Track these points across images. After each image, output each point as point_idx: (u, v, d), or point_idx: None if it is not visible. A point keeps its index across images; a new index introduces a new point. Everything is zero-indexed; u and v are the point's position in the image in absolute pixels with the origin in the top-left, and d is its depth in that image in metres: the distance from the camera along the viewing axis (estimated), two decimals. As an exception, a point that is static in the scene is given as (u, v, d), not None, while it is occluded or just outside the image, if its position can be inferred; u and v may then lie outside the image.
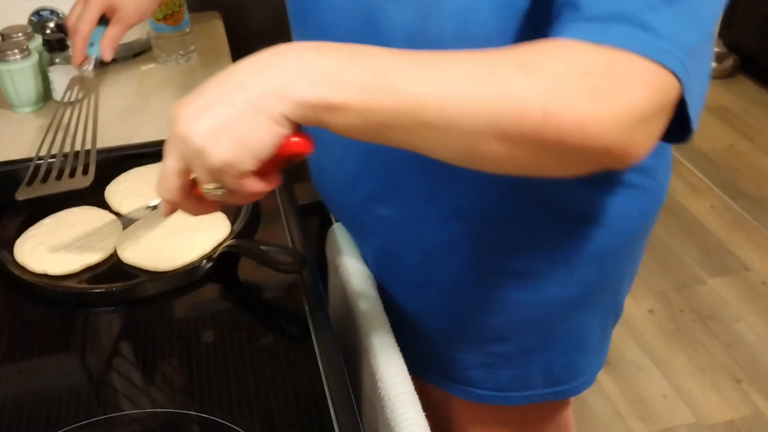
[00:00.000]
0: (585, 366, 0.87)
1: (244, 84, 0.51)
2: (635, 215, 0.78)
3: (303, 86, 0.50)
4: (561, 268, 0.77)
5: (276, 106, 0.50)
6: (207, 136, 0.51)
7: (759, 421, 1.77)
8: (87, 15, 0.95)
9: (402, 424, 0.64)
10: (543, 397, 0.87)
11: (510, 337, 0.82)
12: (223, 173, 0.52)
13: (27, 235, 0.84)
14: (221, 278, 0.81)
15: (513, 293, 0.78)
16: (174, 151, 0.54)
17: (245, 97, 0.50)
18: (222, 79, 0.53)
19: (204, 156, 0.51)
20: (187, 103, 0.53)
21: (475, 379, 0.86)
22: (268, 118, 0.50)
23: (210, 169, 0.52)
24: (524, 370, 0.84)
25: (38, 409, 0.67)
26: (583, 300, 0.81)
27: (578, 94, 0.49)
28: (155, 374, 0.70)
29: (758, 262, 2.23)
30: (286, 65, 0.51)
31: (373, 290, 0.82)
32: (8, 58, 1.13)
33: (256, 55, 0.53)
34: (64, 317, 0.77)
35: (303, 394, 0.67)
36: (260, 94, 0.50)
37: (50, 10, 1.28)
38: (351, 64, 0.51)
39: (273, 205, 0.92)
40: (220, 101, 0.51)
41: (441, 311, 0.83)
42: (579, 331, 0.84)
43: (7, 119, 1.17)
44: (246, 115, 0.50)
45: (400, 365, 0.71)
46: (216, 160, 0.51)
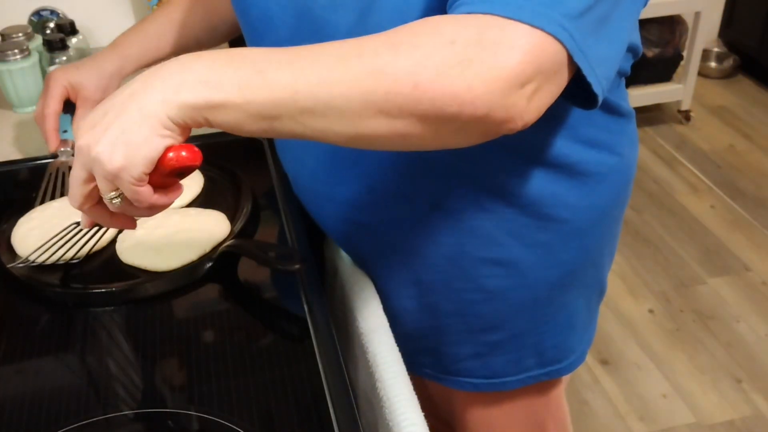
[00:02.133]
0: (575, 344, 0.89)
1: (134, 93, 0.54)
2: (605, 192, 0.80)
3: (185, 89, 0.53)
4: (541, 252, 0.79)
5: (162, 110, 0.53)
6: (102, 144, 0.54)
7: (759, 421, 1.77)
8: (49, 101, 0.94)
9: (401, 424, 0.65)
10: (537, 378, 0.88)
11: (500, 325, 0.83)
12: (118, 179, 0.55)
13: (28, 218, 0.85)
14: (221, 278, 0.81)
15: (499, 282, 0.80)
16: (78, 161, 0.56)
17: (135, 105, 0.54)
18: (118, 91, 0.56)
19: (100, 163, 0.54)
20: (90, 118, 0.56)
21: (468, 369, 0.87)
22: (155, 123, 0.53)
23: (106, 175, 0.55)
24: (516, 355, 0.86)
25: (38, 409, 0.67)
26: (567, 280, 0.82)
27: (446, 64, 0.50)
28: (155, 374, 0.70)
29: (758, 262, 2.23)
30: (170, 73, 0.54)
31: (372, 290, 0.82)
32: (8, 58, 1.13)
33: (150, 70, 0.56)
34: (64, 317, 0.77)
35: (303, 394, 0.67)
36: (148, 101, 0.54)
37: (50, 10, 1.28)
38: (228, 65, 0.53)
39: (273, 205, 0.92)
40: (113, 110, 0.55)
41: (431, 308, 0.84)
42: (566, 311, 0.85)
43: (7, 119, 1.17)
44: (135, 122, 0.53)
45: (400, 365, 0.71)
46: (111, 166, 0.54)
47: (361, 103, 0.52)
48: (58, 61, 1.17)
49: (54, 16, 1.28)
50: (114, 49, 0.97)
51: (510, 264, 0.79)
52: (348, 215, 0.80)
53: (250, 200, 0.90)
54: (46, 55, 1.17)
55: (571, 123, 0.73)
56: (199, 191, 0.93)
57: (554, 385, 0.94)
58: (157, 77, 0.54)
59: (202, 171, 0.96)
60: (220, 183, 0.95)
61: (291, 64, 0.53)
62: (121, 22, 1.31)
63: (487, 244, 0.78)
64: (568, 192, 0.76)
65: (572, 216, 0.78)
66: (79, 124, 0.56)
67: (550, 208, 0.76)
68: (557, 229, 0.78)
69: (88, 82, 0.95)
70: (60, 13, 1.28)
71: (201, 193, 0.93)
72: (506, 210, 0.76)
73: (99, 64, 0.96)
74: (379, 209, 0.78)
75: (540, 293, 0.82)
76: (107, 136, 0.54)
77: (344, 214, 0.80)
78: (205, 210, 0.89)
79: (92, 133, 0.55)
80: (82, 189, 0.57)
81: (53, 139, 0.95)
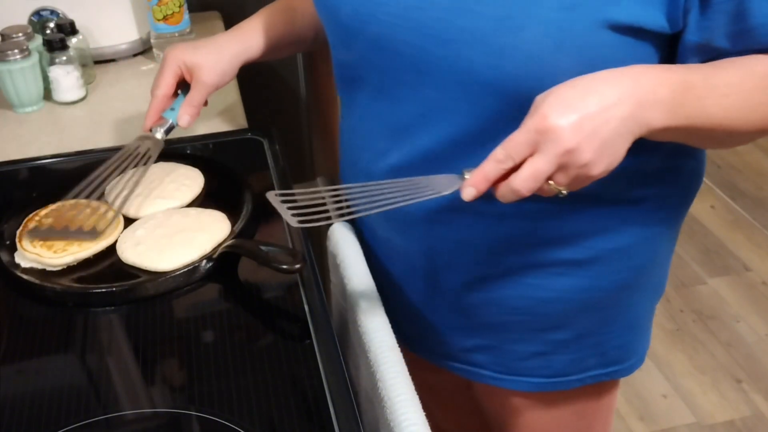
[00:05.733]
0: (637, 345, 0.89)
1: (615, 106, 0.59)
2: (684, 193, 0.81)
3: (655, 114, 0.61)
4: (618, 254, 0.79)
5: (635, 129, 0.60)
6: (595, 154, 0.59)
7: (759, 421, 1.77)
8: (161, 81, 0.93)
9: (402, 424, 0.64)
10: (597, 378, 0.88)
11: (567, 324, 0.83)
12: (586, 181, 0.61)
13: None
14: (221, 278, 0.81)
15: (572, 282, 0.80)
16: (553, 159, 0.59)
17: (619, 119, 0.59)
18: (591, 95, 0.60)
19: (586, 168, 0.60)
20: (569, 115, 0.59)
21: (530, 368, 0.87)
22: (628, 139, 0.60)
23: (581, 177, 0.61)
24: (579, 355, 0.86)
25: (38, 409, 0.67)
26: (636, 282, 0.83)
27: None
28: (155, 374, 0.70)
29: (758, 262, 2.23)
30: (639, 94, 0.60)
31: (374, 289, 0.82)
32: (8, 58, 1.13)
33: (604, 73, 0.61)
34: (64, 317, 0.77)
35: (303, 394, 0.67)
36: (627, 117, 0.60)
37: (50, 10, 1.28)
38: (682, 95, 0.62)
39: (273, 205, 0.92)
40: (601, 121, 0.59)
41: (498, 305, 0.83)
42: (631, 312, 0.86)
43: (7, 119, 1.17)
44: (618, 135, 0.60)
45: (401, 365, 0.71)
46: (594, 173, 0.60)
47: (755, 133, 0.67)
48: (58, 61, 1.16)
49: (54, 16, 1.28)
50: (236, 35, 0.95)
51: (586, 264, 0.79)
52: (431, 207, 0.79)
53: (250, 200, 0.90)
54: (46, 55, 1.17)
55: None
56: (199, 191, 0.93)
57: (610, 387, 0.93)
58: (633, 96, 0.60)
59: (202, 171, 0.96)
60: (220, 183, 0.95)
61: (721, 104, 0.63)
62: (121, 22, 1.31)
63: (568, 244, 0.78)
64: (658, 193, 0.78)
65: (656, 218, 0.79)
66: (559, 124, 0.59)
67: (639, 208, 0.77)
68: (639, 233, 0.79)
69: (205, 65, 0.92)
70: (60, 13, 1.28)
71: (201, 193, 0.93)
72: (596, 210, 0.76)
73: (219, 48, 0.93)
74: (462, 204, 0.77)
75: (608, 294, 0.82)
76: (597, 146, 0.59)
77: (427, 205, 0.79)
78: (205, 210, 0.89)
79: (586, 142, 0.59)
80: (538, 184, 0.61)
81: (152, 118, 0.94)
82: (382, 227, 0.86)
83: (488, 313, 0.84)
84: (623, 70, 0.62)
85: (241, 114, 1.16)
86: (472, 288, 0.83)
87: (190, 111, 0.93)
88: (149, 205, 0.89)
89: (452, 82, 0.69)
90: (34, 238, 0.83)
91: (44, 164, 1.02)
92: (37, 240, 0.83)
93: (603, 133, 0.59)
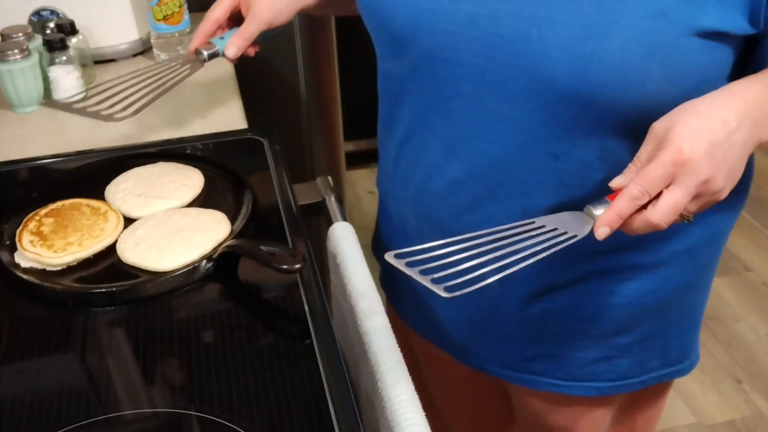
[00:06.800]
0: (694, 343, 0.90)
1: (734, 129, 0.61)
2: (743, 190, 0.82)
3: (764, 132, 0.62)
4: (685, 256, 0.79)
5: (751, 148, 0.62)
6: (725, 179, 0.61)
7: (759, 421, 1.77)
8: (218, 5, 0.91)
9: (402, 425, 0.64)
10: (658, 378, 0.88)
11: (632, 328, 0.82)
12: (713, 204, 0.62)
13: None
14: (221, 278, 0.81)
15: (638, 285, 0.79)
16: (692, 189, 0.60)
17: (740, 143, 0.61)
18: (715, 120, 0.61)
19: (717, 194, 0.61)
20: (704, 144, 0.60)
21: (594, 373, 0.86)
22: (747, 158, 0.63)
23: (711, 203, 0.62)
24: (643, 356, 0.85)
25: (38, 409, 0.67)
26: (699, 281, 0.83)
27: None
28: (155, 374, 0.70)
29: (758, 262, 2.23)
30: (752, 114, 0.61)
31: (374, 289, 0.82)
32: (8, 58, 1.13)
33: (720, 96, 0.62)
34: (64, 317, 0.77)
35: (303, 394, 0.67)
36: (747, 138, 0.61)
37: (50, 10, 1.28)
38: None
39: (273, 205, 0.92)
40: (727, 146, 0.60)
41: (563, 314, 0.82)
42: (693, 311, 0.86)
43: (7, 119, 1.17)
44: (741, 158, 0.62)
45: (401, 365, 0.71)
46: (723, 197, 0.62)
47: None
48: (58, 61, 1.16)
49: (54, 16, 1.28)
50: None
51: (654, 267, 0.78)
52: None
53: (250, 200, 0.90)
54: (46, 55, 1.17)
55: None
56: (199, 191, 0.93)
57: (665, 388, 0.93)
58: (747, 116, 0.61)
59: (202, 171, 0.96)
60: (220, 183, 0.95)
61: None
62: (121, 22, 1.31)
63: (637, 248, 0.77)
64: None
65: (720, 218, 0.80)
66: (697, 154, 0.60)
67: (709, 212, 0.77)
68: (705, 234, 0.79)
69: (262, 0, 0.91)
70: (60, 13, 1.28)
71: (201, 193, 0.93)
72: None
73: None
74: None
75: (674, 296, 0.81)
76: (727, 174, 0.61)
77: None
78: (205, 210, 0.89)
79: (719, 170, 0.60)
80: (677, 215, 0.61)
81: (199, 39, 0.92)
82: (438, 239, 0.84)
83: (553, 322, 0.83)
84: (730, 90, 0.63)
85: (241, 114, 1.16)
86: (537, 299, 0.81)
87: (239, 43, 0.91)
88: (149, 205, 0.89)
89: (523, 91, 0.67)
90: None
91: (44, 164, 1.02)
92: (37, 239, 0.83)
93: (731, 159, 0.61)
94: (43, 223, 0.86)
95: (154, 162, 0.98)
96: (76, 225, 0.85)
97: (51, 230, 0.84)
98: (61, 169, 1.01)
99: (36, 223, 0.86)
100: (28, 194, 0.93)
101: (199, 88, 1.24)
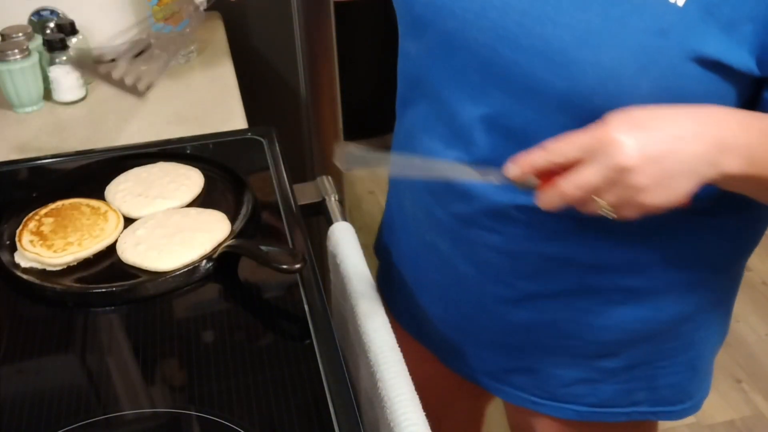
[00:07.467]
0: (693, 390, 0.85)
1: (688, 141, 0.57)
2: (751, 231, 0.78)
3: (732, 160, 0.58)
4: (682, 287, 0.77)
5: (706, 171, 0.58)
6: (650, 180, 0.57)
7: (759, 421, 1.77)
8: None
9: (402, 424, 0.64)
10: (644, 415, 0.84)
11: (618, 353, 0.80)
12: (636, 210, 0.59)
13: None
14: (221, 278, 0.81)
15: (629, 311, 0.77)
16: (603, 171, 0.58)
17: (690, 157, 0.57)
18: (666, 124, 0.58)
19: (638, 194, 0.57)
20: (635, 133, 0.57)
21: (575, 395, 0.83)
22: (696, 180, 0.58)
23: (630, 201, 0.58)
24: (628, 386, 0.82)
25: (38, 409, 0.67)
26: (699, 316, 0.80)
27: None
28: (155, 374, 0.70)
29: (758, 262, 2.23)
30: (724, 136, 0.58)
31: (374, 289, 0.82)
32: (8, 58, 1.13)
33: (684, 108, 0.60)
34: (64, 317, 0.77)
35: (303, 394, 0.67)
36: (702, 158, 0.57)
37: (50, 10, 1.28)
38: (760, 145, 0.59)
39: (273, 205, 0.92)
40: (668, 151, 0.57)
41: (547, 327, 0.80)
42: (690, 350, 0.82)
43: (7, 119, 1.17)
44: (685, 174, 0.57)
45: (401, 365, 0.71)
46: (645, 201, 0.58)
47: None
48: (58, 61, 1.16)
49: (54, 16, 1.28)
50: None
51: (648, 294, 0.76)
52: None
53: (250, 200, 0.90)
54: (46, 55, 1.17)
55: None
56: (199, 191, 0.93)
57: (653, 427, 0.90)
58: (709, 136, 0.58)
59: (202, 171, 0.96)
60: (220, 183, 0.95)
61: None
62: (121, 22, 1.31)
63: (629, 270, 0.75)
64: (725, 227, 0.75)
65: (727, 249, 0.77)
66: (621, 139, 0.57)
67: (714, 237, 0.75)
68: (709, 264, 0.76)
69: None
70: (60, 13, 1.28)
71: (201, 193, 0.93)
72: (662, 239, 0.73)
73: None
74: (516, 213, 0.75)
75: (667, 326, 0.79)
76: (655, 174, 0.57)
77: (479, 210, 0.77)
78: (205, 210, 0.89)
79: (647, 166, 0.57)
80: (583, 193, 0.59)
81: None
82: (431, 230, 0.83)
83: (536, 334, 0.81)
84: (708, 108, 0.60)
85: (241, 114, 1.16)
86: (522, 305, 0.79)
87: None
88: (149, 205, 0.89)
89: (520, 88, 0.67)
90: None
91: (44, 164, 1.02)
92: (37, 239, 0.83)
93: (667, 163, 0.57)
94: (43, 223, 0.86)
95: (154, 162, 0.98)
96: (76, 225, 0.85)
97: (51, 230, 0.84)
98: (61, 169, 1.01)
99: (36, 223, 0.86)
100: (28, 194, 0.93)
101: (199, 88, 1.25)
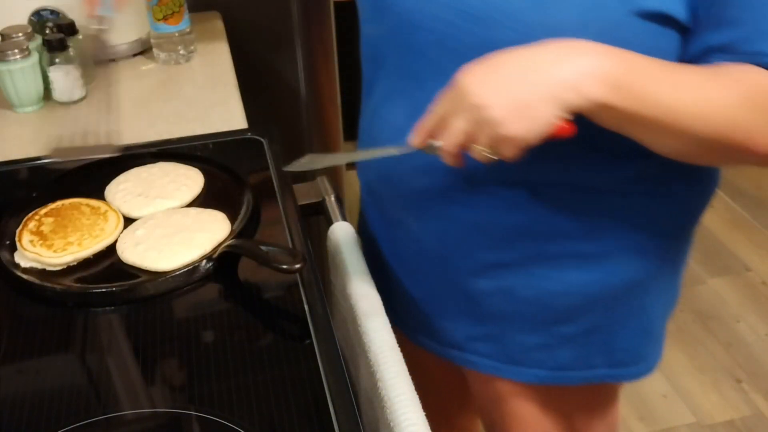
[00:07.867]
0: (646, 352, 0.88)
1: (543, 69, 0.59)
2: (698, 197, 0.81)
3: (597, 86, 0.58)
4: (631, 252, 0.79)
5: (570, 98, 0.58)
6: (506, 112, 0.58)
7: (759, 421, 1.77)
8: None
9: (402, 424, 0.65)
10: (602, 378, 0.87)
11: (574, 318, 0.83)
12: (504, 143, 0.60)
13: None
14: (221, 278, 0.81)
15: (582, 275, 0.80)
16: (464, 115, 0.60)
17: (544, 82, 0.58)
18: (516, 58, 0.60)
19: (497, 127, 0.59)
20: (481, 73, 0.59)
21: (534, 359, 0.86)
22: (559, 106, 0.59)
23: (495, 138, 0.60)
24: (585, 350, 0.85)
25: (38, 409, 0.67)
26: (647, 283, 0.82)
27: None
28: (155, 374, 0.70)
29: (758, 262, 2.23)
30: (584, 63, 0.59)
31: (374, 288, 0.82)
32: (8, 58, 1.13)
33: (547, 42, 0.60)
34: (64, 317, 0.77)
35: (303, 394, 0.67)
36: (559, 83, 0.58)
37: (50, 10, 1.28)
38: (633, 74, 0.59)
39: (273, 205, 0.92)
40: (519, 81, 0.58)
41: (507, 294, 0.83)
42: (642, 315, 0.85)
43: (7, 119, 1.17)
44: (543, 100, 0.58)
45: (401, 365, 0.71)
46: (508, 133, 0.59)
47: (706, 141, 0.62)
48: (58, 61, 1.16)
49: (54, 16, 1.28)
50: None
51: (599, 257, 0.79)
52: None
53: (250, 200, 0.90)
54: (46, 55, 1.17)
55: None
56: (199, 191, 0.93)
57: (613, 393, 0.92)
58: (570, 63, 0.59)
59: (202, 171, 0.96)
60: (220, 183, 0.95)
61: (675, 96, 0.60)
62: (120, 22, 1.31)
63: (581, 235, 0.77)
64: (672, 193, 0.78)
65: (675, 212, 0.79)
66: (468, 79, 0.60)
67: (659, 202, 0.77)
68: (656, 229, 0.78)
69: None
70: (60, 13, 1.28)
71: (201, 193, 0.93)
72: (612, 204, 0.76)
73: None
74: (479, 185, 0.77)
75: (620, 291, 0.81)
76: (509, 105, 0.59)
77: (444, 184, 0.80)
78: (205, 210, 0.89)
79: (495, 99, 0.59)
80: (459, 139, 0.62)
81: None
82: (396, 206, 0.85)
83: (497, 301, 0.84)
84: (575, 40, 0.61)
85: (241, 114, 1.16)
86: (483, 275, 0.82)
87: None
88: (149, 205, 0.89)
89: (476, 58, 0.68)
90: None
91: (44, 164, 1.02)
92: (37, 239, 0.83)
93: (518, 92, 0.59)
94: (43, 222, 0.86)
95: (154, 162, 0.98)
96: (76, 225, 0.85)
97: (51, 230, 0.84)
98: (61, 169, 1.01)
99: (36, 222, 0.86)
100: (28, 194, 0.93)
101: (199, 88, 1.25)
